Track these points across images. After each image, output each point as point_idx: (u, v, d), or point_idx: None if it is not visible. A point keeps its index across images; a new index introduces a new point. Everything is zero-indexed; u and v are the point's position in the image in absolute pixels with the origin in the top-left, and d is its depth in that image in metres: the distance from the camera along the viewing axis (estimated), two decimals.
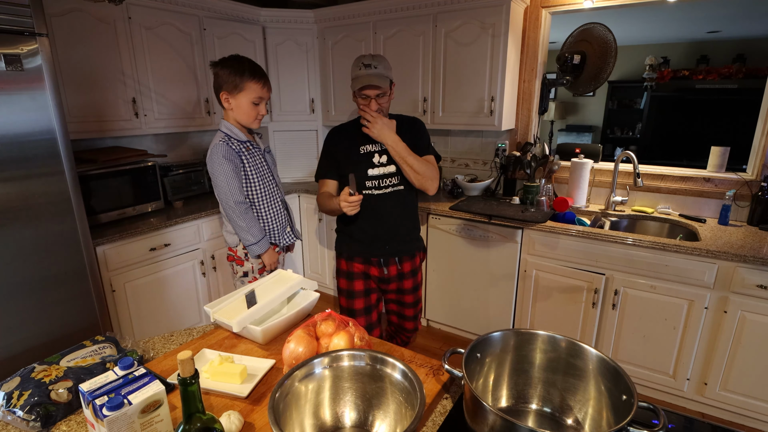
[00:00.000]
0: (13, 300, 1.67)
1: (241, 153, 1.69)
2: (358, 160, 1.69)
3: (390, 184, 1.71)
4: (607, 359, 0.78)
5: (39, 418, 0.81)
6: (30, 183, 1.66)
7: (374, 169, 1.69)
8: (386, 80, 1.61)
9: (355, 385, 0.82)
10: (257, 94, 1.64)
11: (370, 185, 1.69)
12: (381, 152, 1.69)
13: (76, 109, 2.17)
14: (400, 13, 2.70)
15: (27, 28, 1.58)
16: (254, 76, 1.62)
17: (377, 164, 1.69)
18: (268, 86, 1.68)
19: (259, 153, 1.78)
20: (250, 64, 1.64)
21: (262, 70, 1.66)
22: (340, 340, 0.92)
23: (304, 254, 3.42)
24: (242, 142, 1.71)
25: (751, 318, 1.88)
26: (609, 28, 2.46)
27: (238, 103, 1.64)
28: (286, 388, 0.75)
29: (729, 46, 5.16)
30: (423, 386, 0.73)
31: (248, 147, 1.72)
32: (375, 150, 1.70)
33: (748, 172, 2.33)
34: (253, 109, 1.66)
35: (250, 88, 1.62)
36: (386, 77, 1.61)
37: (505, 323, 2.53)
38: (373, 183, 1.70)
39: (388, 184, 1.71)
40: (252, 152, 1.73)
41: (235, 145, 1.68)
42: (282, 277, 1.33)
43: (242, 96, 1.62)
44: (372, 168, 1.69)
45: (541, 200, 2.53)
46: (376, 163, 1.69)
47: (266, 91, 1.67)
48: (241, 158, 1.68)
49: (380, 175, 1.69)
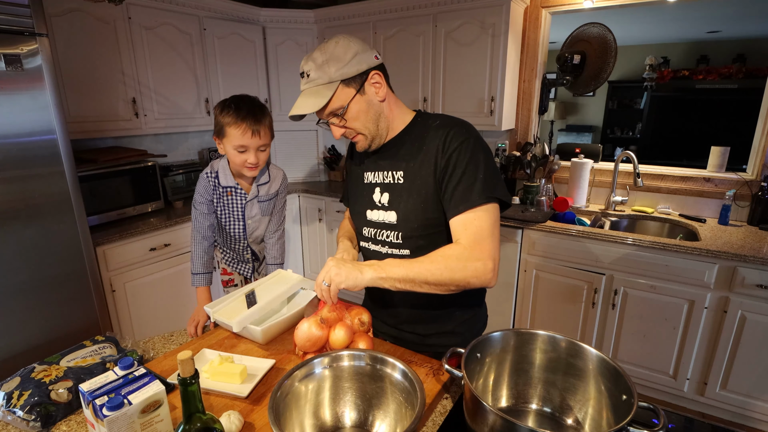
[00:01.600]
0: (14, 300, 1.67)
1: (216, 193, 1.52)
2: (360, 192, 1.13)
3: (388, 242, 1.07)
4: (607, 359, 0.78)
5: (39, 418, 0.81)
6: (30, 183, 1.66)
7: (373, 211, 1.09)
8: (326, 90, 0.94)
9: (355, 385, 0.82)
10: (238, 142, 1.36)
11: (366, 234, 1.12)
12: (383, 187, 1.06)
13: (76, 109, 2.17)
14: (400, 13, 2.70)
15: (27, 28, 1.58)
16: (237, 120, 1.34)
17: (377, 205, 1.08)
18: (253, 131, 1.36)
19: (240, 201, 1.53)
20: (237, 107, 1.36)
21: (251, 114, 1.36)
22: (340, 331, 0.94)
23: (304, 254, 3.42)
24: (224, 187, 1.51)
25: (751, 318, 1.87)
26: (609, 28, 2.46)
27: (225, 150, 1.42)
28: (286, 388, 0.75)
29: (729, 46, 5.16)
30: (423, 386, 0.73)
31: (229, 192, 1.52)
32: (377, 182, 1.08)
33: (748, 172, 2.33)
34: (237, 157, 1.39)
35: (230, 135, 1.36)
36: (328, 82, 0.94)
37: (505, 323, 2.53)
38: (368, 232, 1.11)
39: (386, 240, 1.07)
40: (232, 197, 1.52)
41: (214, 183, 1.50)
42: (282, 277, 1.33)
43: (226, 142, 1.39)
44: (371, 209, 1.09)
45: (541, 200, 2.53)
46: (376, 202, 1.08)
47: (249, 137, 1.36)
48: (212, 199, 1.52)
49: (378, 222, 1.08)
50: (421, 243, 1.03)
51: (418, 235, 1.03)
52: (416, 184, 1.01)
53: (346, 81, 0.95)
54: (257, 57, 3.02)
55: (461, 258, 0.91)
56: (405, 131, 1.05)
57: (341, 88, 0.95)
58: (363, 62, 0.96)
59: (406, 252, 1.05)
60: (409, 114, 1.07)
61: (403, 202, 1.03)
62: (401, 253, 1.05)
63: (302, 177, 3.51)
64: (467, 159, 0.95)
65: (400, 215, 1.03)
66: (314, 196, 3.18)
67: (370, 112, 0.99)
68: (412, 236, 1.03)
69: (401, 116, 1.06)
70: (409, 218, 1.02)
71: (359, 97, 0.97)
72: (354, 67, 0.94)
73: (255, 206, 1.56)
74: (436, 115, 1.06)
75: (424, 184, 1.00)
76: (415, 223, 1.02)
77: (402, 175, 1.03)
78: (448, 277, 0.90)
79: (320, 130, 3.42)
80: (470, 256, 0.91)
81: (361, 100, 0.97)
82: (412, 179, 1.02)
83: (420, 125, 1.05)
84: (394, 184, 1.04)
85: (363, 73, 0.96)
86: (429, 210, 1.01)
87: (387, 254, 1.08)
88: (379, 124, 1.02)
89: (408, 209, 1.02)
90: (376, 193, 1.08)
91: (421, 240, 1.03)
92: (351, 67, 0.94)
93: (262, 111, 1.40)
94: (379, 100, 1.00)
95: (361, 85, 0.96)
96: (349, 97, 0.96)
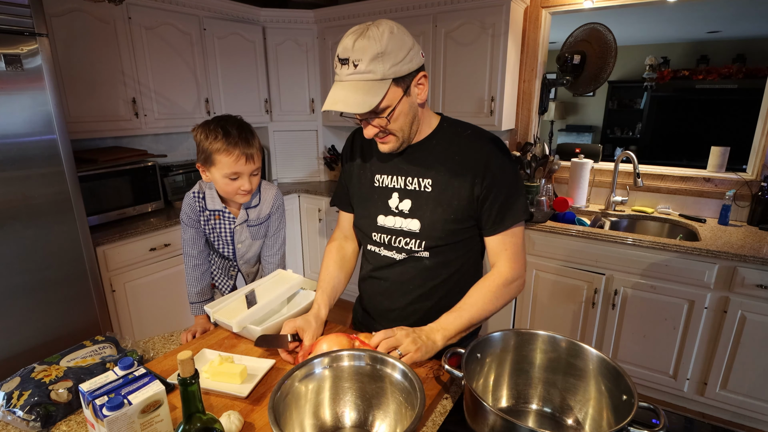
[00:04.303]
0: (13, 300, 1.67)
1: (203, 215, 1.40)
2: (368, 196, 1.09)
3: (406, 249, 1.04)
4: (608, 359, 0.78)
5: (39, 418, 0.81)
6: (30, 183, 1.66)
7: (388, 217, 1.06)
8: (378, 88, 0.86)
9: (356, 385, 0.82)
10: (230, 170, 1.24)
11: (377, 239, 1.08)
12: (404, 193, 1.03)
13: (76, 109, 2.17)
14: (400, 13, 2.70)
15: (27, 28, 1.58)
16: (228, 146, 1.22)
17: (394, 211, 1.05)
18: (247, 157, 1.25)
19: (228, 225, 1.41)
20: (225, 131, 1.23)
21: (243, 138, 1.24)
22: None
23: (304, 254, 3.42)
24: (212, 211, 1.39)
25: (751, 318, 1.87)
26: (609, 28, 2.46)
27: (213, 178, 1.29)
28: (286, 388, 0.75)
29: (729, 46, 5.16)
30: (423, 386, 0.73)
31: (217, 216, 1.40)
32: (396, 187, 1.04)
33: (748, 172, 2.33)
34: (229, 185, 1.27)
35: (221, 163, 1.23)
36: (381, 78, 0.85)
37: (505, 323, 2.53)
38: (380, 238, 1.08)
39: (404, 247, 1.05)
40: (220, 221, 1.41)
41: (201, 205, 1.39)
42: (282, 277, 1.32)
43: (215, 171, 1.26)
44: (385, 214, 1.06)
45: (541, 200, 2.52)
46: (392, 208, 1.05)
47: (243, 164, 1.25)
48: (200, 220, 1.40)
49: (394, 229, 1.05)
50: (443, 249, 1.03)
51: (443, 244, 1.02)
52: (447, 194, 0.99)
53: (397, 80, 0.87)
54: (257, 57, 3.02)
55: (506, 284, 1.00)
56: (432, 136, 1.02)
57: (392, 87, 0.87)
58: (414, 60, 0.89)
59: (425, 254, 1.04)
60: (434, 117, 1.04)
61: (429, 211, 1.00)
62: (420, 257, 1.04)
63: (302, 177, 3.51)
64: (510, 179, 0.98)
65: (425, 223, 1.01)
66: (314, 196, 3.18)
67: (410, 114, 0.94)
68: (436, 245, 1.02)
69: (429, 119, 1.02)
70: (435, 227, 1.00)
71: (405, 98, 0.90)
72: (407, 65, 0.87)
73: (245, 231, 1.43)
74: (464, 124, 1.04)
75: (455, 196, 0.98)
76: (441, 233, 1.00)
77: (430, 183, 1.00)
78: (500, 305, 1.00)
79: (320, 130, 3.42)
80: (512, 279, 1.00)
81: (406, 102, 0.91)
82: (443, 189, 0.99)
83: (449, 132, 1.02)
84: (420, 191, 1.01)
85: (413, 72, 0.90)
86: (457, 221, 1.00)
87: (402, 260, 1.06)
88: (413, 127, 0.97)
89: (435, 218, 1.00)
90: (394, 198, 1.04)
91: (445, 247, 1.03)
92: (404, 65, 0.87)
93: (251, 132, 1.29)
94: (420, 102, 0.95)
95: (409, 86, 0.90)
96: (398, 98, 0.89)
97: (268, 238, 1.48)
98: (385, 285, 1.11)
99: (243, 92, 3.00)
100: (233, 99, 2.94)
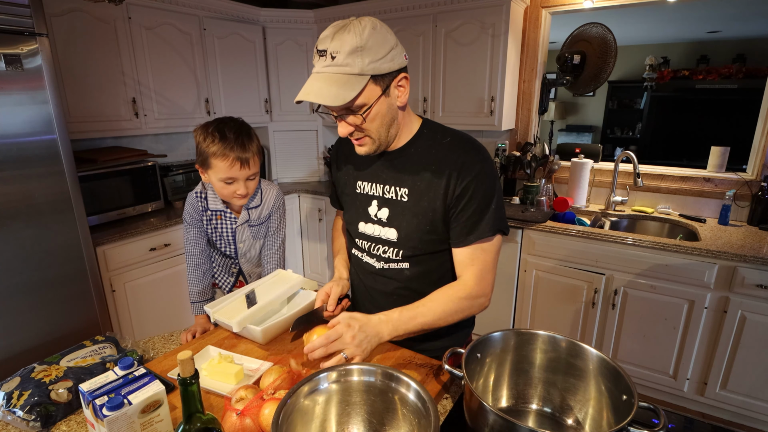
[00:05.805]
0: (14, 300, 1.67)
1: (205, 215, 1.43)
2: (352, 202, 1.10)
3: (384, 257, 1.04)
4: (608, 359, 0.78)
5: (39, 418, 0.81)
6: (30, 183, 1.66)
7: (368, 224, 1.06)
8: (356, 83, 0.83)
9: (364, 402, 0.79)
10: (225, 175, 1.24)
11: (360, 245, 1.09)
12: (382, 201, 1.02)
13: (76, 109, 2.17)
14: (400, 13, 2.70)
15: (27, 28, 1.58)
16: (223, 150, 1.22)
17: (374, 219, 1.04)
18: (242, 162, 1.24)
19: (230, 225, 1.43)
20: (222, 134, 1.23)
21: (239, 143, 1.23)
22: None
23: (304, 254, 3.42)
24: (213, 211, 1.41)
25: (751, 318, 1.87)
26: (609, 28, 2.46)
27: (211, 180, 1.30)
28: (290, 407, 0.72)
29: (729, 46, 5.16)
30: (437, 408, 0.69)
31: (219, 216, 1.42)
32: (375, 194, 1.04)
33: (748, 172, 2.33)
34: (224, 189, 1.28)
35: (216, 167, 1.24)
36: (358, 73, 0.83)
37: (505, 323, 2.53)
38: (362, 244, 1.08)
39: (382, 255, 1.04)
40: (222, 220, 1.43)
41: (203, 205, 1.41)
42: (282, 277, 1.32)
43: (211, 173, 1.27)
44: (365, 221, 1.06)
45: (541, 200, 2.53)
46: (372, 215, 1.04)
47: (238, 169, 1.24)
48: (202, 220, 1.43)
49: (373, 237, 1.05)
50: (423, 259, 1.01)
51: (420, 253, 1.01)
52: (422, 204, 0.97)
53: (375, 77, 0.85)
54: (257, 57, 3.02)
55: (468, 297, 0.95)
56: (411, 143, 0.99)
57: (370, 84, 0.85)
58: (396, 60, 0.87)
59: (405, 265, 1.03)
60: (416, 122, 1.01)
61: (405, 221, 0.99)
62: (399, 267, 1.03)
63: (302, 177, 3.51)
64: (483, 190, 0.93)
65: (401, 233, 1.00)
66: (314, 196, 3.18)
67: (387, 116, 0.91)
68: (414, 254, 1.01)
69: (410, 125, 0.99)
70: (411, 237, 0.99)
71: (383, 98, 0.88)
72: (388, 63, 0.85)
73: (246, 230, 1.45)
74: (444, 129, 1.00)
75: (430, 207, 0.96)
76: (418, 243, 0.99)
77: (407, 193, 0.98)
78: (458, 317, 0.95)
79: (320, 130, 3.42)
80: (476, 294, 0.96)
81: (384, 102, 0.89)
82: (418, 199, 0.97)
83: (427, 138, 0.99)
84: (397, 200, 0.99)
85: (394, 72, 0.87)
86: (433, 231, 0.98)
87: (382, 268, 1.05)
88: (390, 130, 0.94)
89: (411, 228, 0.99)
90: (373, 206, 1.03)
91: (423, 256, 1.01)
92: (385, 63, 0.84)
93: (249, 136, 1.27)
94: (399, 105, 0.92)
95: (388, 86, 0.87)
96: (375, 96, 0.86)
97: (268, 238, 1.49)
98: (371, 293, 1.12)
99: (243, 92, 3.00)
100: (233, 99, 2.94)
